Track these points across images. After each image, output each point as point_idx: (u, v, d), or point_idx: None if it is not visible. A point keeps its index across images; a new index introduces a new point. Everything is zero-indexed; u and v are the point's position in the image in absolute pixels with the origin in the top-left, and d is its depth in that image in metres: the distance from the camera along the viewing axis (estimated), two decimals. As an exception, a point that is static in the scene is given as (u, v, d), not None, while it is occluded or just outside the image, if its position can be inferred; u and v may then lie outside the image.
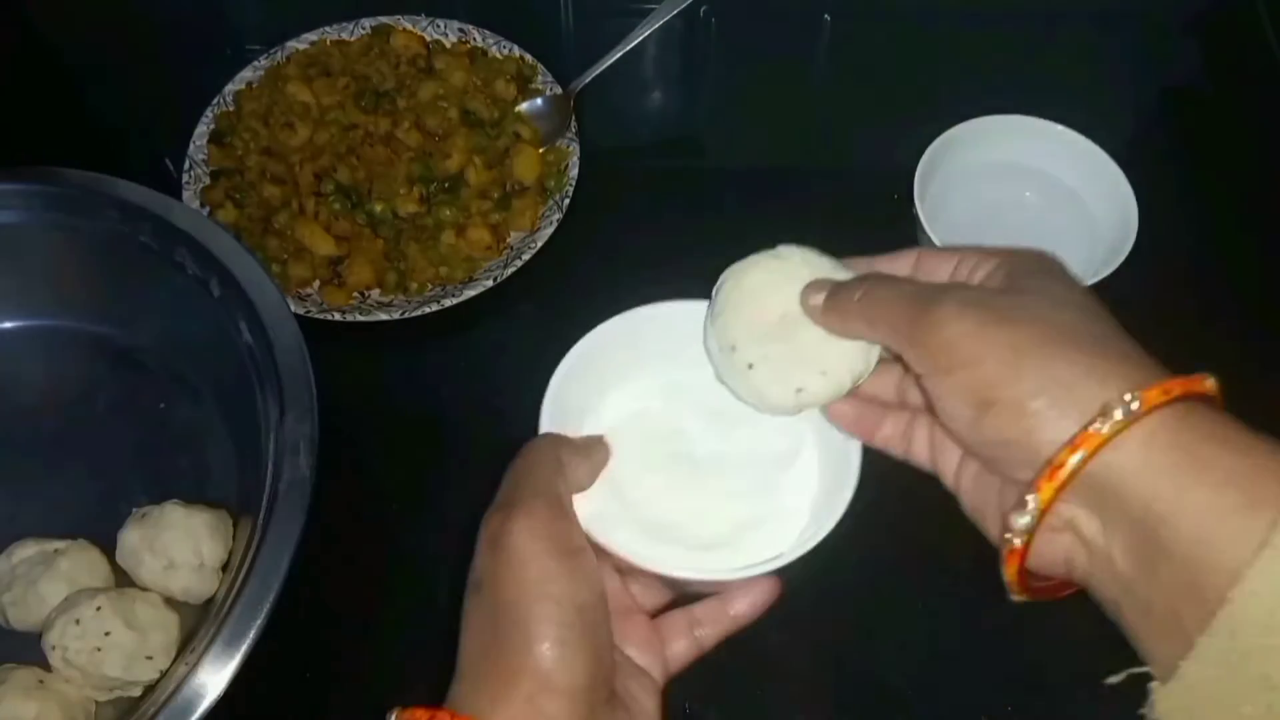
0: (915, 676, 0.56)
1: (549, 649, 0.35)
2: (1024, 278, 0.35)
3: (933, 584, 0.57)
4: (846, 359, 0.40)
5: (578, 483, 0.41)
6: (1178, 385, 0.30)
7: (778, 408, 0.41)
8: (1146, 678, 0.30)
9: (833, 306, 0.39)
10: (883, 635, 0.57)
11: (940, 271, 0.38)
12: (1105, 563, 0.32)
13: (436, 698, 0.55)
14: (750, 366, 0.41)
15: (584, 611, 0.36)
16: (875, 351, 0.40)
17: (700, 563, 0.41)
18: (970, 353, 0.33)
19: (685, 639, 0.42)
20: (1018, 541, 0.32)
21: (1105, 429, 0.30)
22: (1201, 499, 0.29)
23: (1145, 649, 0.31)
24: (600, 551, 0.39)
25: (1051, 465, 0.31)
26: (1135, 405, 0.30)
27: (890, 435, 0.41)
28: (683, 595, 0.43)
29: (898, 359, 0.39)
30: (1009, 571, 0.33)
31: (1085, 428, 0.30)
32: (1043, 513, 0.31)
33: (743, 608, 0.42)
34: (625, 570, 0.42)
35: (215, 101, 0.71)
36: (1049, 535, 0.33)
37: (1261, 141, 0.75)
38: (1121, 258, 0.61)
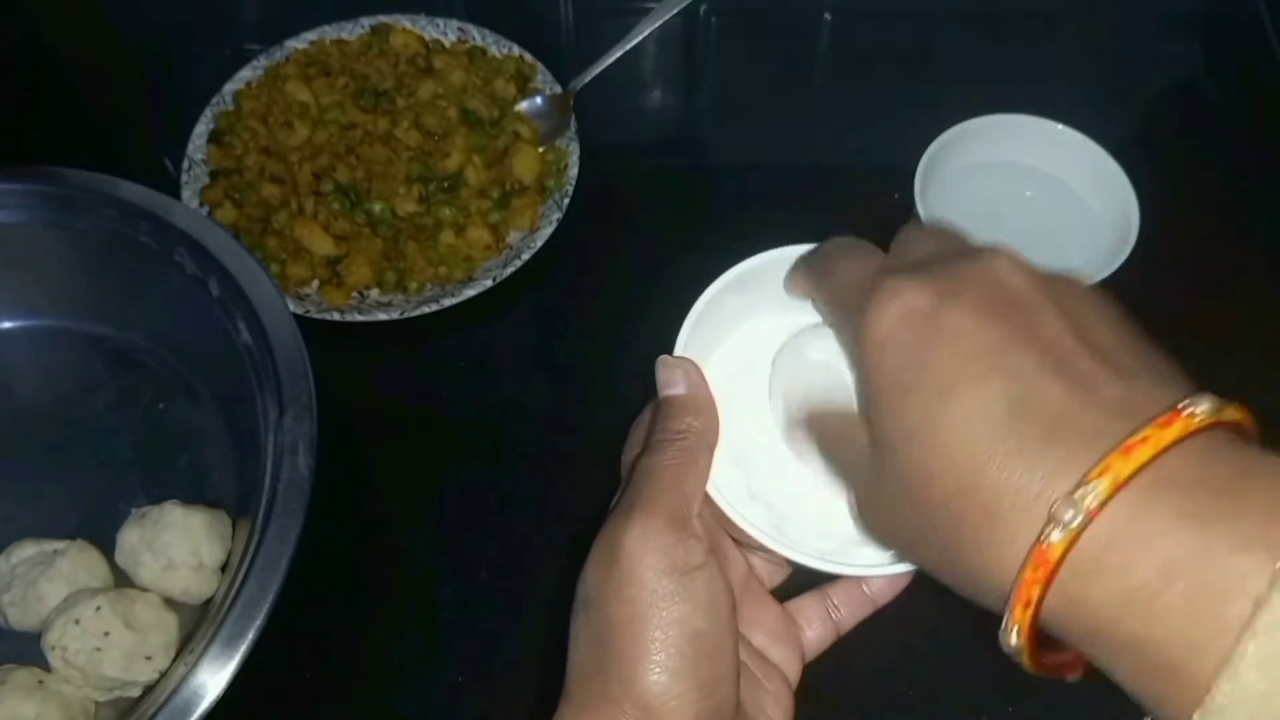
0: (916, 677, 0.56)
1: (657, 680, 0.32)
2: (884, 408, 0.30)
3: (935, 585, 0.57)
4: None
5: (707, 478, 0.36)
6: (1041, 563, 0.26)
7: None
8: None
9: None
10: (883, 635, 0.57)
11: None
12: None
13: (438, 696, 0.55)
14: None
15: (698, 639, 0.32)
16: None
17: (816, 546, 0.38)
18: (898, 548, 0.33)
19: (821, 623, 0.40)
20: (1019, 659, 0.29)
21: (1032, 572, 0.26)
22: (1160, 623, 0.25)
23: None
24: (726, 522, 0.36)
25: (1012, 606, 0.27)
26: (1071, 521, 0.25)
27: None
28: (804, 571, 0.40)
29: None
30: (1031, 669, 0.30)
31: (1025, 559, 0.26)
32: (1026, 639, 0.28)
33: (883, 589, 0.40)
34: (746, 543, 0.38)
35: (214, 101, 0.71)
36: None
37: (1263, 140, 0.75)
38: (1122, 257, 0.61)
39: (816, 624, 0.40)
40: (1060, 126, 0.66)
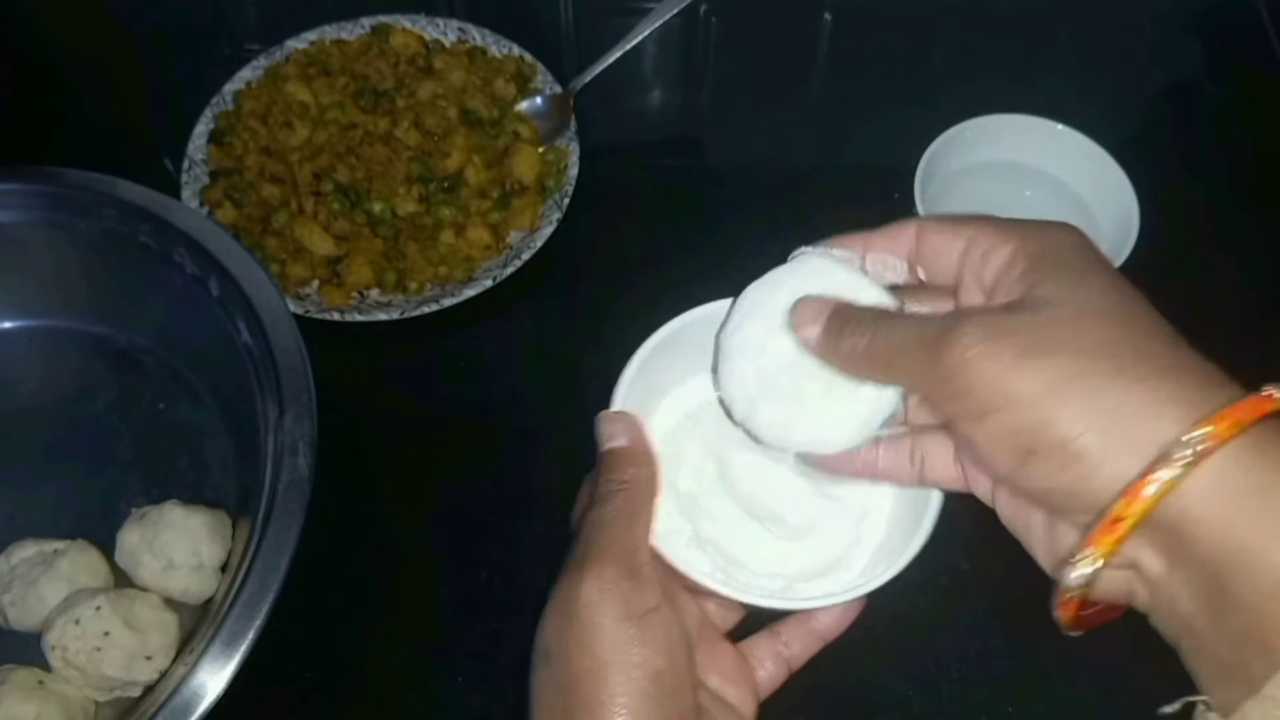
0: (916, 677, 0.56)
1: None
2: (1047, 279, 0.31)
3: (934, 586, 0.57)
4: (861, 406, 0.35)
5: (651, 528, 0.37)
6: (1248, 411, 0.27)
7: (781, 457, 0.38)
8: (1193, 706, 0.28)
9: (833, 348, 0.34)
10: (884, 636, 0.57)
11: (946, 255, 0.34)
12: (1167, 602, 0.29)
13: (438, 696, 0.55)
14: (753, 406, 0.37)
15: (660, 678, 0.33)
16: (894, 392, 0.35)
17: (766, 585, 0.40)
18: (1000, 395, 0.29)
19: (773, 661, 0.41)
20: (1074, 594, 0.30)
21: (1167, 475, 0.26)
22: (1269, 569, 0.26)
23: (1202, 682, 0.28)
24: (674, 573, 0.37)
25: (1109, 518, 0.28)
26: (1201, 445, 0.26)
27: (892, 466, 0.37)
28: (756, 611, 0.41)
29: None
30: (1064, 616, 0.31)
31: (1144, 475, 0.27)
32: (1102, 560, 0.29)
33: (830, 626, 0.41)
34: (696, 589, 0.39)
35: (214, 101, 0.71)
36: (1109, 573, 0.30)
37: (1262, 140, 0.75)
38: (1123, 257, 0.61)
39: (768, 663, 0.41)
40: (1060, 126, 0.66)
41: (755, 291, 0.38)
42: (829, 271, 0.36)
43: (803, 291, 0.36)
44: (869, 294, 0.35)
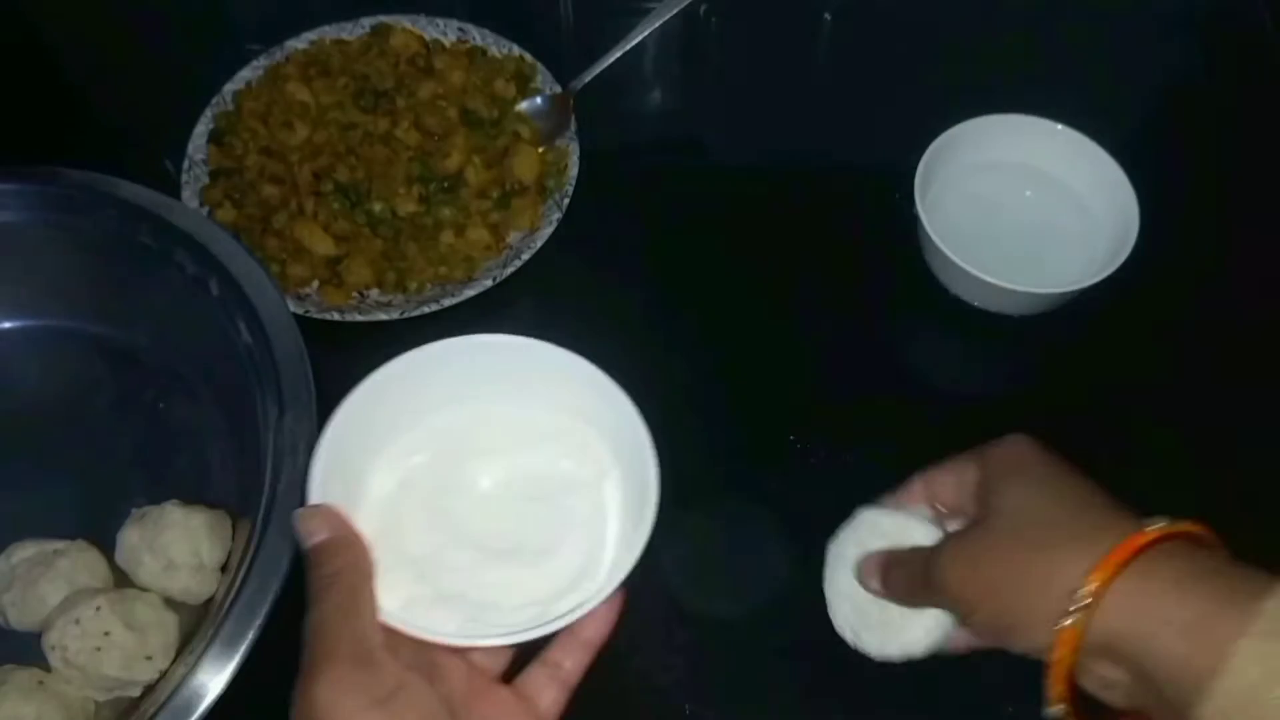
0: (916, 678, 0.55)
1: None
2: (994, 487, 0.41)
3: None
4: (924, 625, 0.45)
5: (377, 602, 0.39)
6: (1124, 552, 0.35)
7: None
8: None
9: (888, 594, 0.45)
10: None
11: (948, 491, 0.45)
12: (1129, 698, 0.37)
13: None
14: (856, 634, 0.48)
15: None
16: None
17: (522, 618, 0.41)
18: (969, 599, 0.40)
19: (552, 687, 0.42)
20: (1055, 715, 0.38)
21: (1071, 623, 0.36)
22: (1168, 653, 0.34)
23: None
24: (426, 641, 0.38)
25: (1050, 664, 0.37)
26: (1089, 595, 0.35)
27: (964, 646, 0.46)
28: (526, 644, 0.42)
29: None
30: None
31: (1059, 627, 0.36)
32: (1063, 700, 0.37)
33: (594, 633, 0.42)
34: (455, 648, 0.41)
35: (214, 101, 0.71)
36: (1102, 691, 0.37)
37: (1262, 140, 0.75)
38: (1122, 258, 0.61)
39: (547, 690, 0.42)
40: (1060, 126, 0.66)
41: (835, 547, 0.48)
42: (886, 521, 0.46)
43: (865, 547, 0.46)
44: (918, 532, 0.45)
